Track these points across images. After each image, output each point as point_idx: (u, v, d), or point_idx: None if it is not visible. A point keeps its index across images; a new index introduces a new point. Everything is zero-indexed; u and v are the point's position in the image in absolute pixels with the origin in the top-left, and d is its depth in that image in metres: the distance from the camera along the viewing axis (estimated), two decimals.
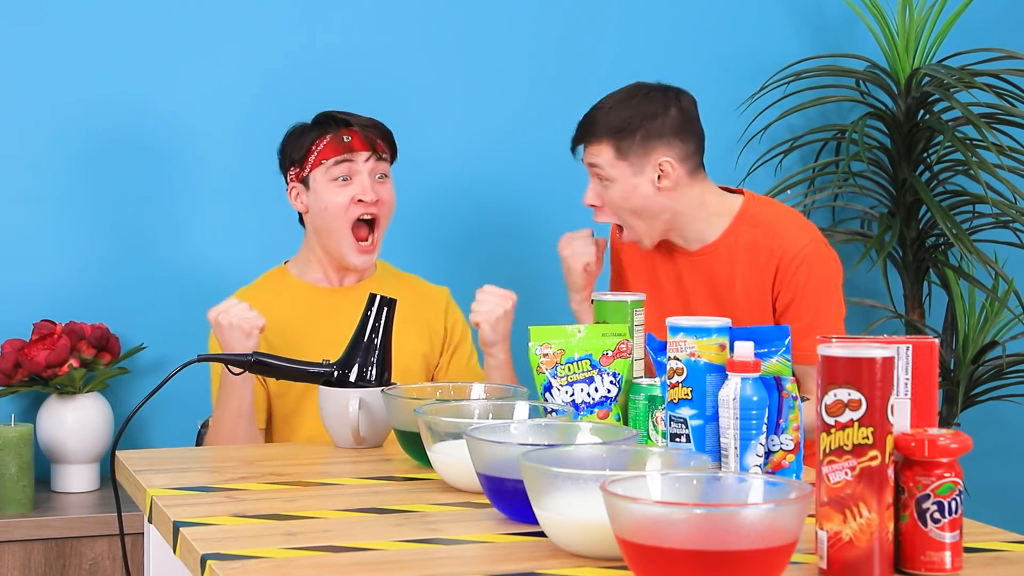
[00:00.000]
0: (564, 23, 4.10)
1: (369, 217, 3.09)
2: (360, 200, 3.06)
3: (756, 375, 2.00)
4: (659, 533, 1.59)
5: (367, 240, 3.10)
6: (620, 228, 3.13)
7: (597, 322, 2.58)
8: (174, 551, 2.03)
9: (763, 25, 4.22)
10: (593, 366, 2.43)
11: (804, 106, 4.14)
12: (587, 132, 3.09)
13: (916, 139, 4.05)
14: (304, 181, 3.12)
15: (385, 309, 2.64)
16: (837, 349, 1.71)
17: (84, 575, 3.37)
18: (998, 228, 4.08)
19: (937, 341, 1.84)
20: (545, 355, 2.43)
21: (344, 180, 3.07)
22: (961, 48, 4.14)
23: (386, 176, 3.13)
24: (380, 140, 3.12)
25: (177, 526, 2.02)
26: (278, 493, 2.24)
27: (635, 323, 2.58)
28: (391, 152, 3.16)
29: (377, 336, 2.62)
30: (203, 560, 1.84)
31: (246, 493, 2.24)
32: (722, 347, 2.07)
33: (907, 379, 1.81)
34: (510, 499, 2.00)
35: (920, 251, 4.08)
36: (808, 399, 2.94)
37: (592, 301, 2.65)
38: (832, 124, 4.20)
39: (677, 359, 2.08)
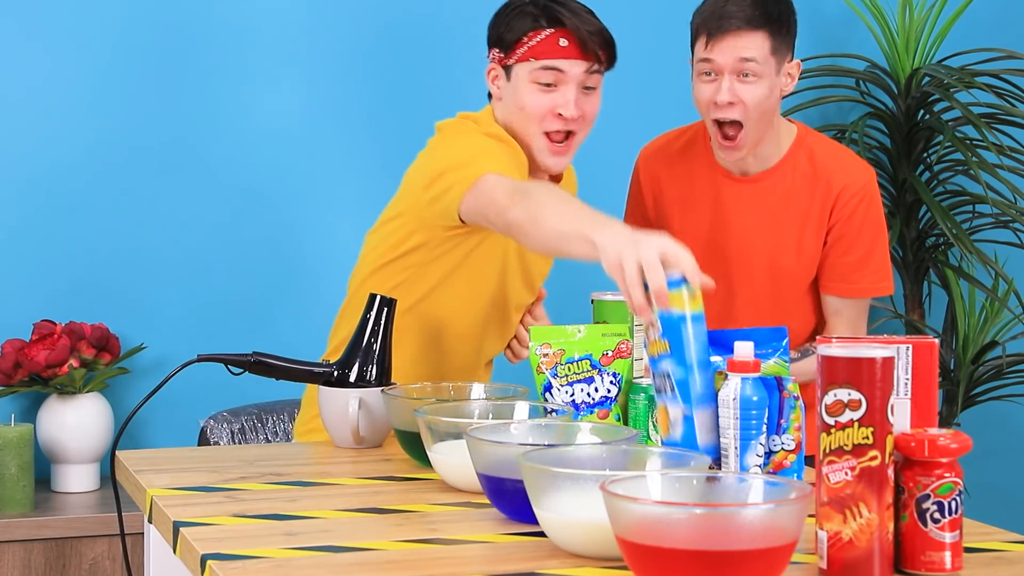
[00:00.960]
0: None
1: (566, 130, 2.76)
2: (560, 115, 2.73)
3: (756, 375, 2.00)
4: (659, 533, 1.59)
5: (563, 142, 2.77)
6: (730, 130, 2.95)
7: (596, 322, 2.58)
8: (174, 551, 2.03)
9: None
10: (593, 366, 2.43)
11: (804, 106, 4.14)
12: (747, 18, 2.86)
13: (916, 139, 4.05)
14: (507, 69, 2.78)
15: (385, 310, 2.64)
16: (837, 349, 1.71)
17: (84, 575, 3.37)
18: (998, 228, 4.08)
19: (937, 341, 1.84)
20: (545, 355, 2.43)
21: (549, 86, 2.73)
22: (961, 48, 4.14)
23: (594, 89, 2.78)
24: (602, 50, 2.75)
25: (177, 526, 2.02)
26: (278, 493, 2.24)
27: (635, 323, 2.58)
28: (610, 62, 2.79)
29: (377, 336, 2.62)
30: (203, 560, 1.84)
31: (246, 493, 2.24)
32: (693, 297, 2.05)
33: (907, 379, 1.81)
34: (510, 499, 2.00)
35: (920, 251, 4.08)
36: (814, 351, 2.89)
37: (592, 301, 2.64)
38: (832, 124, 4.20)
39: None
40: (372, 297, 2.65)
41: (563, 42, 2.71)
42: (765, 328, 2.19)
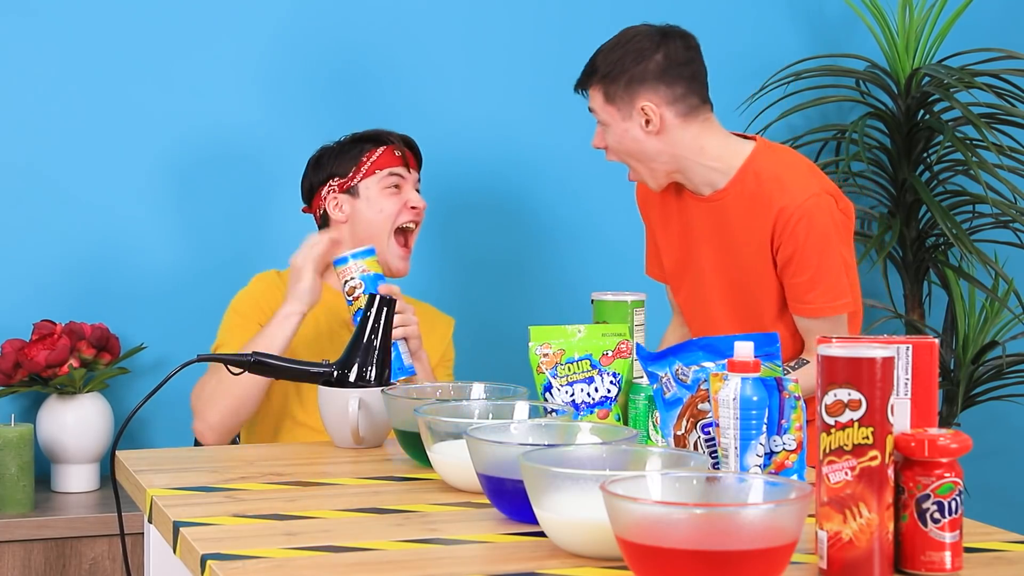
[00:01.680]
0: (562, 23, 4.10)
1: (412, 225, 3.25)
2: (413, 207, 3.24)
3: (756, 375, 2.00)
4: (659, 533, 1.59)
5: (406, 245, 3.26)
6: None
7: (596, 322, 2.58)
8: (174, 551, 2.03)
9: (763, 25, 4.22)
10: (593, 366, 2.43)
11: (804, 106, 4.14)
12: (583, 77, 3.12)
13: (916, 139, 4.05)
14: (350, 191, 3.24)
15: (385, 309, 2.64)
16: (837, 349, 1.71)
17: (84, 575, 3.37)
18: (998, 228, 4.08)
19: (937, 341, 1.84)
20: (545, 355, 2.43)
21: (395, 189, 3.24)
22: (961, 48, 4.14)
23: (418, 188, 3.32)
24: (417, 153, 3.32)
25: (177, 526, 2.02)
26: (278, 493, 2.24)
27: (635, 323, 2.58)
28: (420, 165, 3.35)
29: (377, 336, 2.62)
30: (203, 560, 1.84)
31: (246, 493, 2.24)
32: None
33: (907, 379, 1.81)
34: (510, 499, 2.00)
35: (920, 251, 4.08)
36: (808, 361, 2.96)
37: (592, 301, 2.65)
38: (832, 124, 4.20)
39: (353, 279, 2.94)
40: (372, 297, 2.66)
41: (397, 152, 3.25)
42: (758, 333, 2.19)
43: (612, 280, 3.78)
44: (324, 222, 3.26)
